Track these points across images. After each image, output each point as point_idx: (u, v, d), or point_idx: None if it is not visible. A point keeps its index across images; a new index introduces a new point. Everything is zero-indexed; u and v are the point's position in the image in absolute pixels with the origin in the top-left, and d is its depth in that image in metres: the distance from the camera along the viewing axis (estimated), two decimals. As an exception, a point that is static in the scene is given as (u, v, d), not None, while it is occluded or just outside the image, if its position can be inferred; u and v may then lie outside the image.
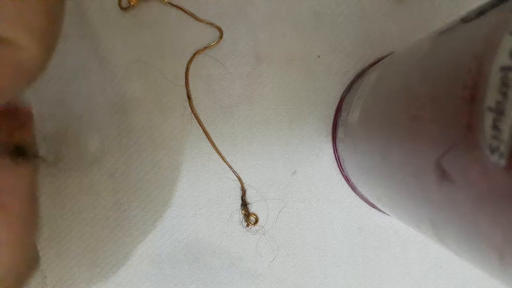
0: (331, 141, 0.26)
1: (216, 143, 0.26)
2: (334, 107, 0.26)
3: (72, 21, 0.25)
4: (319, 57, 0.26)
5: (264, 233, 0.26)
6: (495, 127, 0.09)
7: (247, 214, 0.25)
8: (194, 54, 0.25)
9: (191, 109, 0.25)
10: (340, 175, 0.26)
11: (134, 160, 0.25)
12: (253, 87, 0.26)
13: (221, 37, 0.25)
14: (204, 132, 0.26)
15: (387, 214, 0.26)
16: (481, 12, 0.12)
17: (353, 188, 0.26)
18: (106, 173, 0.25)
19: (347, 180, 0.26)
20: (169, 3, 0.25)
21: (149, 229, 0.25)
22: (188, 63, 0.25)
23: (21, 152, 0.10)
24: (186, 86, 0.25)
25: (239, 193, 0.26)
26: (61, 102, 0.25)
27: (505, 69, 0.09)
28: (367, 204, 0.26)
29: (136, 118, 0.25)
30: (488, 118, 0.10)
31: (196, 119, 0.25)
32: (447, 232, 0.13)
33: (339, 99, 0.26)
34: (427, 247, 0.27)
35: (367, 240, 0.26)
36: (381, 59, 0.25)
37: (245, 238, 0.26)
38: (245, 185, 0.26)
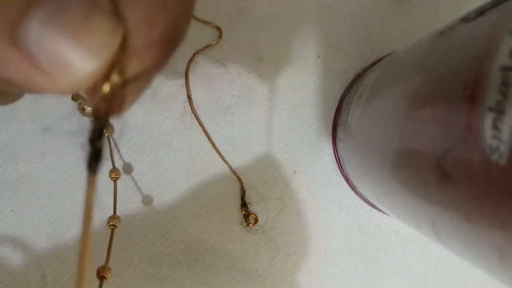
0: (331, 141, 0.26)
1: (216, 143, 0.26)
2: (334, 107, 0.26)
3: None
4: (319, 57, 0.26)
5: (264, 233, 0.26)
6: (495, 127, 0.09)
7: (247, 214, 0.25)
8: (194, 54, 0.25)
9: (191, 109, 0.25)
10: (340, 175, 0.26)
11: (134, 160, 0.25)
12: (253, 87, 0.26)
13: (220, 37, 0.25)
14: (204, 132, 0.26)
15: (387, 214, 0.26)
16: (481, 12, 0.12)
17: (353, 188, 0.26)
18: (105, 173, 0.25)
19: (347, 180, 0.26)
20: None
21: (149, 229, 0.25)
22: (188, 63, 0.25)
23: None
24: (186, 86, 0.25)
25: (239, 193, 0.26)
26: (61, 102, 0.25)
27: (505, 69, 0.09)
28: (367, 204, 0.26)
29: (136, 118, 0.25)
30: (488, 118, 0.10)
31: (196, 119, 0.25)
32: (447, 231, 0.13)
33: (339, 99, 0.26)
34: (427, 247, 0.27)
35: (367, 240, 0.26)
36: (381, 59, 0.25)
37: (245, 238, 0.26)
38: (245, 185, 0.26)
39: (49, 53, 0.08)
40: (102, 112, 0.09)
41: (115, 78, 0.09)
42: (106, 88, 0.09)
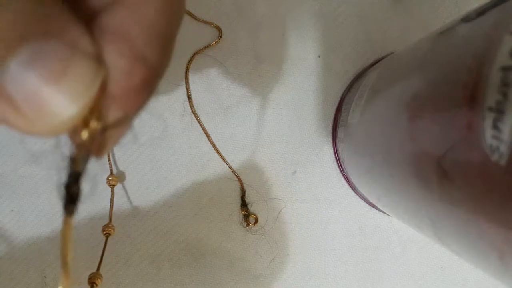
0: (331, 141, 0.26)
1: (216, 143, 0.26)
2: (334, 107, 0.26)
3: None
4: (319, 57, 0.26)
5: (264, 233, 0.26)
6: (495, 127, 0.09)
7: (247, 214, 0.25)
8: (194, 54, 0.25)
9: (191, 109, 0.25)
10: (340, 175, 0.26)
11: (134, 160, 0.25)
12: (253, 87, 0.26)
13: (220, 37, 0.25)
14: (204, 132, 0.26)
15: (387, 214, 0.26)
16: (481, 12, 0.12)
17: (353, 188, 0.26)
18: (105, 173, 0.25)
19: (347, 180, 0.26)
20: (169, 3, 0.25)
21: (149, 229, 0.25)
22: (188, 63, 0.25)
23: None
24: (186, 86, 0.25)
25: (239, 193, 0.26)
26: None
27: (505, 69, 0.09)
28: (367, 204, 0.26)
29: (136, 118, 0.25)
30: (488, 118, 0.10)
31: (196, 119, 0.25)
32: (447, 231, 0.13)
33: (339, 99, 0.26)
34: (427, 247, 0.27)
35: (367, 240, 0.26)
36: (381, 59, 0.25)
37: (245, 238, 0.26)
38: (245, 185, 0.26)
39: (28, 96, 0.07)
40: (80, 158, 0.09)
41: (94, 124, 0.09)
42: (84, 135, 0.09)
